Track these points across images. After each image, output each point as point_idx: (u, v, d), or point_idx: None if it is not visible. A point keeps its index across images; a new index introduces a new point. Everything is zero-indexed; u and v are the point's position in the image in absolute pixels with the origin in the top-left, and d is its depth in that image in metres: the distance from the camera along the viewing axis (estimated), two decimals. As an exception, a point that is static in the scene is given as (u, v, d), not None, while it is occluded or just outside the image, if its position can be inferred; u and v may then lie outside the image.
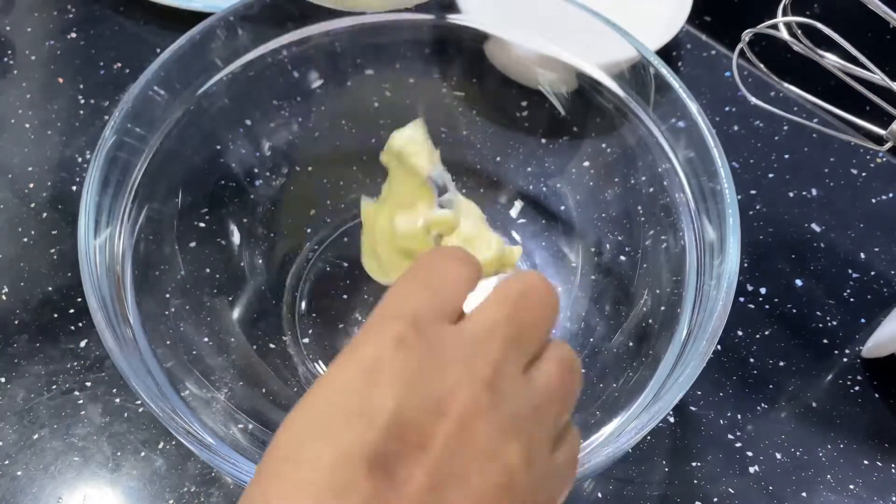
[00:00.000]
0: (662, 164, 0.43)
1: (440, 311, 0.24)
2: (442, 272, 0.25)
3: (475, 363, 0.22)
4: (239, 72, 0.46)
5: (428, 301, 0.24)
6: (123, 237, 0.40)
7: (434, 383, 0.22)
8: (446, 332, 0.23)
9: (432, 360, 0.22)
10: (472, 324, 0.24)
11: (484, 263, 0.42)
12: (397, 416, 0.21)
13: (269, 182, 0.50)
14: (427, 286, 0.25)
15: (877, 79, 0.41)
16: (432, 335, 0.23)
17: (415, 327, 0.23)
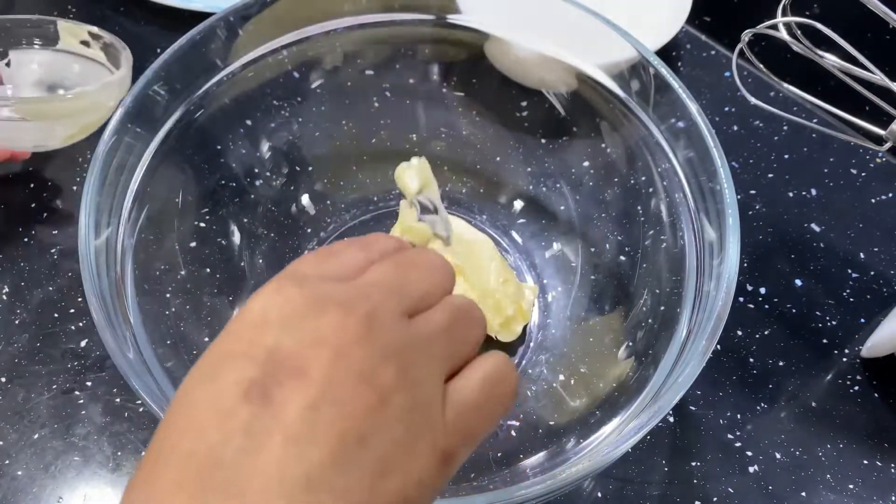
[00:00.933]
0: (662, 164, 0.43)
1: (325, 271, 0.25)
2: (341, 251, 0.27)
3: (354, 306, 0.23)
4: (239, 72, 0.46)
5: (317, 264, 0.26)
6: (123, 237, 0.40)
7: (314, 320, 0.23)
8: (328, 284, 0.24)
9: (311, 304, 0.23)
10: (358, 278, 0.25)
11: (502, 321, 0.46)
12: (275, 349, 0.22)
13: (269, 182, 0.50)
14: (322, 256, 0.26)
15: (876, 79, 0.41)
16: (312, 284, 0.24)
17: (295, 278, 0.24)
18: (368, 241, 0.28)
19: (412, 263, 0.26)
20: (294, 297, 0.23)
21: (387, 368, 0.22)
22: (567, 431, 0.41)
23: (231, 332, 0.24)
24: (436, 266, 0.27)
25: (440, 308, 0.26)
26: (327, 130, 0.52)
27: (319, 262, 0.26)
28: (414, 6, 0.48)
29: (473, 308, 0.26)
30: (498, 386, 0.25)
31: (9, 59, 0.54)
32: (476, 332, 0.26)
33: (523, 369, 0.46)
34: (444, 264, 0.27)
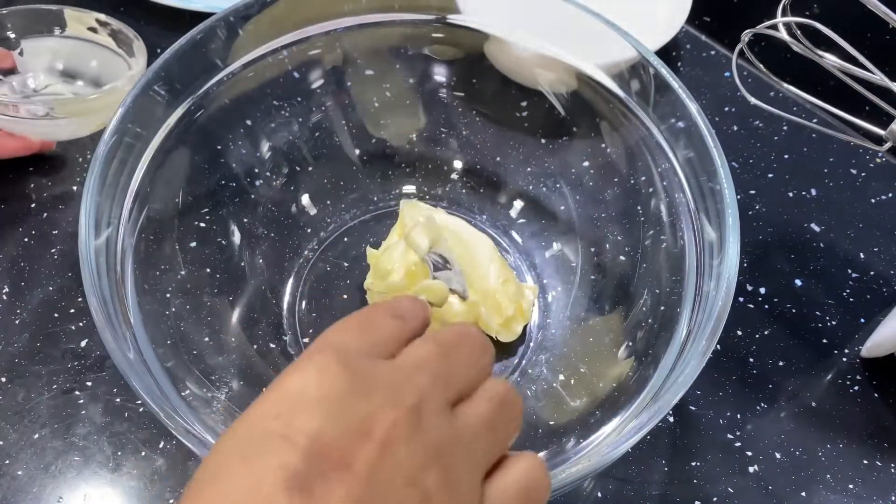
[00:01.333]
0: (662, 164, 0.43)
1: (370, 348, 0.24)
2: (378, 320, 0.26)
3: (401, 391, 0.23)
4: (239, 72, 0.46)
5: (356, 338, 0.25)
6: (124, 237, 0.40)
7: (358, 408, 0.22)
8: (373, 364, 0.24)
9: (357, 387, 0.22)
10: (401, 359, 0.25)
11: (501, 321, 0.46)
12: (319, 437, 0.21)
13: (269, 182, 0.50)
14: (358, 327, 0.25)
15: (876, 79, 0.41)
16: (358, 366, 0.23)
17: (340, 358, 0.23)
18: (402, 308, 0.27)
19: (456, 344, 0.25)
20: (338, 379, 0.22)
21: (432, 469, 0.22)
22: (567, 431, 0.41)
23: (270, 405, 0.22)
24: (478, 346, 0.26)
25: (484, 398, 0.25)
26: (327, 130, 0.52)
27: (360, 335, 0.25)
28: (414, 6, 0.48)
29: (514, 398, 0.26)
30: (533, 493, 0.25)
31: (21, 48, 0.55)
32: (515, 425, 0.26)
33: (523, 369, 0.46)
34: (485, 343, 0.27)
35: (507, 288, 0.46)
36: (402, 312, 0.27)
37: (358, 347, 0.24)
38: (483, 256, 0.47)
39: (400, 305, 0.27)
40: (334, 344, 0.24)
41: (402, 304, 0.27)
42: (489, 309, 0.45)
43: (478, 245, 0.47)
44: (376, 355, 0.24)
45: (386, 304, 0.27)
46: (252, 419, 0.22)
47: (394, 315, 0.26)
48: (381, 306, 0.27)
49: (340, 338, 0.25)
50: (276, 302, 0.48)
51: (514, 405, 0.26)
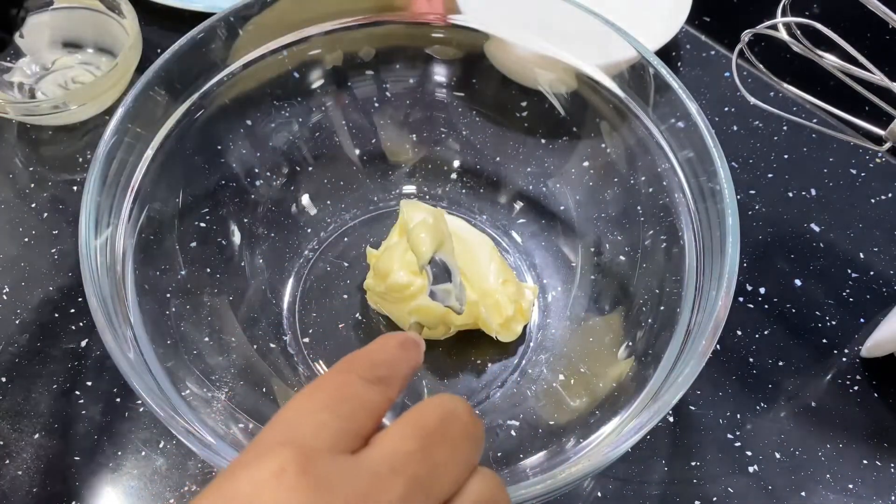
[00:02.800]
0: (662, 164, 0.43)
1: (337, 439, 0.21)
2: (352, 393, 0.22)
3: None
4: (239, 72, 0.46)
5: (324, 425, 0.21)
6: (124, 237, 0.40)
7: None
8: (340, 464, 0.20)
9: (317, 500, 0.19)
10: (374, 454, 0.21)
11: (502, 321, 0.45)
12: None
13: (269, 182, 0.50)
14: (328, 406, 0.21)
15: (876, 79, 0.41)
16: (322, 468, 0.20)
17: (300, 458, 0.19)
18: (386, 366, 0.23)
19: (441, 435, 0.22)
20: (297, 490, 0.19)
21: None
22: (567, 431, 0.41)
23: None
24: (467, 433, 0.22)
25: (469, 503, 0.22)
26: (327, 130, 0.52)
27: (328, 419, 0.21)
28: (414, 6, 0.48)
29: (501, 499, 0.23)
30: None
31: (20, 31, 0.55)
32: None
33: (523, 369, 0.46)
34: (474, 427, 0.23)
35: (507, 288, 0.46)
36: (387, 373, 0.23)
37: (324, 441, 0.21)
38: (483, 256, 0.47)
39: (385, 360, 0.24)
40: (296, 437, 0.21)
41: (388, 357, 0.24)
42: (489, 309, 0.45)
43: (478, 245, 0.47)
44: (346, 447, 0.21)
45: (368, 358, 0.23)
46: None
47: (375, 379, 0.23)
48: (362, 363, 0.23)
49: (305, 425, 0.21)
50: (276, 302, 0.48)
51: None
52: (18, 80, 0.56)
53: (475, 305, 0.45)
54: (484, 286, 0.45)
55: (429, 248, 0.40)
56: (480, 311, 0.45)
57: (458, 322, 0.45)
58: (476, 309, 0.45)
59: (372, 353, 0.24)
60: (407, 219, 0.44)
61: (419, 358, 0.26)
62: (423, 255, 0.40)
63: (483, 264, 0.46)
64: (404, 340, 0.25)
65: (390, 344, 0.25)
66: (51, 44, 0.57)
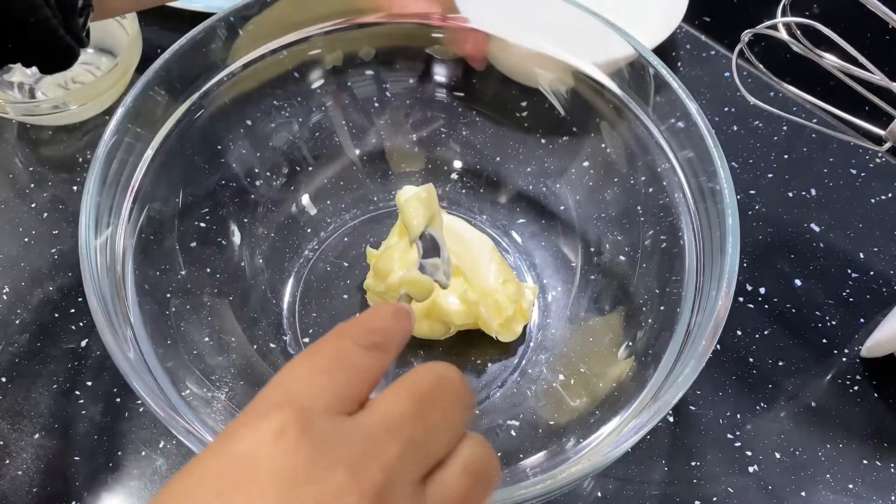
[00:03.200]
0: (662, 164, 0.43)
1: (334, 401, 0.21)
2: (348, 357, 0.23)
3: (366, 467, 0.20)
4: (239, 72, 0.46)
5: (322, 388, 0.21)
6: (124, 237, 0.40)
7: (314, 489, 0.19)
8: (338, 426, 0.21)
9: (316, 460, 0.19)
10: (370, 417, 0.21)
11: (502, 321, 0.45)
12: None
13: (269, 182, 0.50)
14: (325, 370, 0.22)
15: (876, 79, 0.41)
16: (320, 428, 0.20)
17: (300, 418, 0.20)
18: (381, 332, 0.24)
19: (433, 399, 0.22)
20: (295, 449, 0.19)
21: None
22: (567, 431, 0.41)
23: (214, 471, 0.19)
24: (457, 397, 0.23)
25: (458, 470, 0.22)
26: (327, 130, 0.52)
27: (327, 382, 0.22)
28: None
29: (491, 466, 0.23)
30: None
31: None
32: (489, 492, 0.23)
33: (523, 369, 0.46)
34: (465, 391, 0.24)
35: (507, 288, 0.46)
36: (382, 339, 0.24)
37: (321, 403, 0.21)
38: (483, 256, 0.47)
39: (379, 327, 0.24)
40: (294, 398, 0.21)
41: (382, 325, 0.24)
42: (489, 309, 0.45)
43: (478, 245, 0.47)
44: (343, 409, 0.21)
45: (363, 326, 0.24)
46: (191, 487, 0.19)
47: (370, 345, 0.23)
48: (357, 329, 0.24)
49: (304, 388, 0.21)
50: (276, 302, 0.48)
51: (490, 476, 0.23)
52: (18, 80, 0.56)
53: (475, 305, 0.45)
54: (484, 286, 0.45)
55: (420, 221, 0.40)
56: (480, 311, 0.45)
57: (458, 322, 0.45)
58: (476, 309, 0.45)
59: (366, 320, 0.25)
60: (400, 194, 0.44)
61: (411, 326, 0.26)
62: (414, 228, 0.40)
63: (483, 264, 0.46)
64: (397, 310, 0.26)
65: (384, 313, 0.25)
66: None
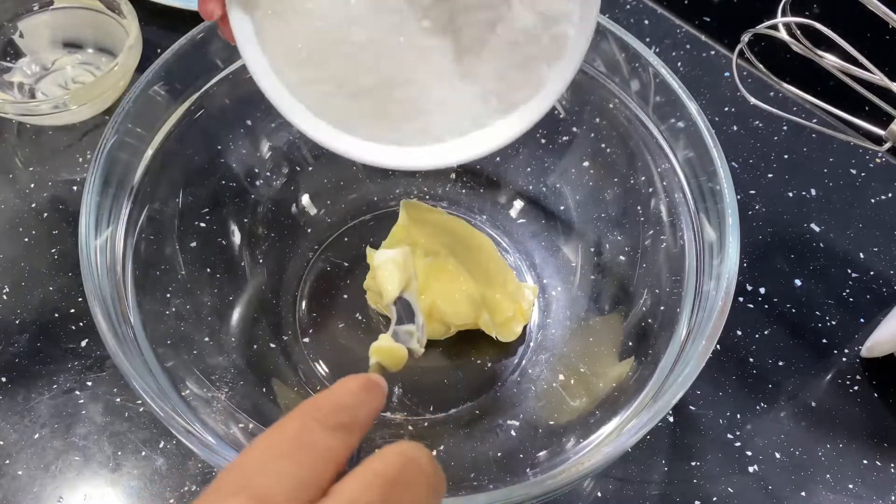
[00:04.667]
0: (662, 164, 0.43)
1: (295, 489, 0.20)
2: (311, 440, 0.22)
3: None
4: (239, 72, 0.46)
5: (283, 474, 0.20)
6: (124, 237, 0.40)
7: None
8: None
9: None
10: (336, 492, 0.20)
11: None
12: None
13: (269, 182, 0.50)
14: (286, 453, 0.21)
15: (876, 79, 0.41)
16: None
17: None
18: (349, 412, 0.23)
19: (403, 487, 0.21)
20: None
21: None
22: (567, 431, 0.41)
23: None
24: (428, 486, 0.22)
25: None
26: (327, 130, 0.52)
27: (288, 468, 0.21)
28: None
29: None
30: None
31: (19, 31, 0.56)
32: None
33: (523, 369, 0.46)
34: (436, 478, 0.22)
35: (507, 288, 0.46)
36: (348, 419, 0.23)
37: (281, 492, 0.20)
38: (483, 256, 0.46)
39: (347, 404, 0.23)
40: (251, 486, 0.20)
41: (350, 401, 0.23)
42: (489, 309, 0.45)
43: (478, 245, 0.47)
44: (304, 497, 0.20)
45: (329, 403, 0.23)
46: None
47: (336, 425, 0.22)
48: (323, 407, 0.23)
49: (262, 474, 0.20)
50: (276, 302, 0.48)
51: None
52: (18, 80, 0.56)
53: (475, 306, 0.45)
54: (484, 286, 0.45)
55: (395, 286, 0.39)
56: (480, 312, 0.45)
57: (458, 322, 0.45)
58: (476, 309, 0.45)
59: (334, 397, 0.24)
60: (373, 255, 0.42)
61: (382, 401, 0.25)
62: (389, 294, 0.39)
63: (483, 264, 0.46)
64: (366, 383, 0.25)
65: (352, 387, 0.24)
66: (51, 44, 0.57)
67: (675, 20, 0.61)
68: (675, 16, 0.62)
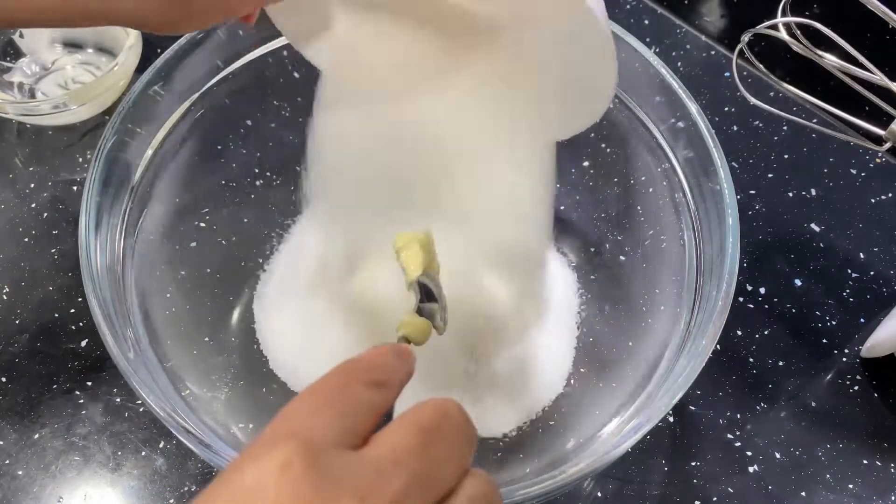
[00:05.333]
0: (662, 164, 0.43)
1: (340, 435, 0.22)
2: (353, 394, 0.23)
3: (372, 498, 0.20)
4: (239, 72, 0.46)
5: (328, 422, 0.22)
6: (124, 237, 0.40)
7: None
8: (344, 459, 0.21)
9: (322, 492, 0.20)
10: (376, 450, 0.22)
11: None
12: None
13: (270, 182, 0.50)
14: (331, 405, 0.23)
15: (876, 79, 0.41)
16: (326, 462, 0.20)
17: (306, 452, 0.20)
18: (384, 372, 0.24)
19: (438, 433, 0.22)
20: (302, 482, 0.20)
21: None
22: (567, 431, 0.41)
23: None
24: (461, 432, 0.23)
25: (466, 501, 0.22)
26: (327, 130, 0.52)
27: (331, 418, 0.22)
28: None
29: (496, 500, 0.23)
30: None
31: (20, 31, 0.56)
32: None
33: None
34: (469, 427, 0.24)
35: None
36: (384, 377, 0.24)
37: (328, 437, 0.21)
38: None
39: (382, 366, 0.25)
40: (301, 431, 0.21)
41: (385, 364, 0.25)
42: None
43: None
44: (348, 444, 0.22)
45: (366, 363, 0.24)
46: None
47: (374, 383, 0.24)
48: (361, 367, 0.24)
49: (310, 422, 0.22)
50: (276, 302, 0.48)
51: None
52: (18, 80, 0.56)
53: None
54: None
55: (419, 265, 0.39)
56: None
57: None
58: None
59: (369, 359, 0.25)
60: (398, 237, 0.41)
61: (412, 366, 0.26)
62: (412, 273, 0.39)
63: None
64: (399, 349, 0.26)
65: (385, 351, 0.26)
66: (51, 44, 0.57)
67: (675, 20, 0.61)
68: (675, 16, 0.61)
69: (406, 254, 0.40)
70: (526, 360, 0.43)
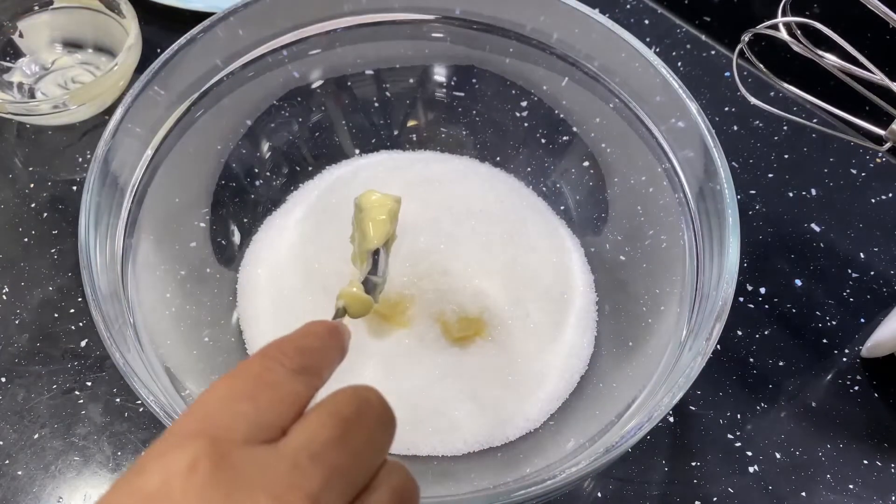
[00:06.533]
0: (662, 164, 0.43)
1: (255, 430, 0.20)
2: (274, 381, 0.21)
3: (289, 498, 0.19)
4: (239, 72, 0.46)
5: (242, 415, 0.20)
6: (124, 237, 0.40)
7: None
8: (258, 456, 0.19)
9: (233, 493, 0.18)
10: (293, 443, 0.20)
11: None
12: None
13: (269, 182, 0.50)
14: (247, 395, 0.21)
15: (876, 79, 0.41)
16: (237, 461, 0.19)
17: (214, 450, 0.19)
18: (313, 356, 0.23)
19: (357, 422, 0.21)
20: (212, 484, 0.18)
21: None
22: (567, 431, 0.41)
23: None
24: (382, 424, 0.22)
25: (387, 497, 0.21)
26: (327, 130, 0.52)
27: (248, 409, 0.20)
28: (414, 6, 0.48)
29: (414, 489, 0.22)
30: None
31: (19, 30, 0.56)
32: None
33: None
34: (388, 414, 0.22)
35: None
36: (312, 361, 0.23)
37: (240, 431, 0.20)
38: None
39: (309, 349, 0.23)
40: (210, 427, 0.20)
41: (313, 347, 0.23)
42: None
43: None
44: (264, 438, 0.20)
45: (293, 345, 0.23)
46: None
47: (300, 368, 0.22)
48: (286, 350, 0.22)
49: (220, 416, 0.20)
50: (276, 302, 0.48)
51: (414, 501, 0.22)
52: (18, 80, 0.56)
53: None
54: None
55: (381, 235, 0.37)
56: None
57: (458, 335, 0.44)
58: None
59: (297, 339, 0.23)
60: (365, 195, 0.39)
61: (346, 347, 0.25)
62: (372, 241, 0.37)
63: None
64: (332, 328, 0.25)
65: (317, 330, 0.24)
66: (50, 44, 0.57)
67: (675, 20, 0.61)
68: (675, 16, 0.61)
69: (372, 218, 0.38)
70: (529, 360, 0.43)
